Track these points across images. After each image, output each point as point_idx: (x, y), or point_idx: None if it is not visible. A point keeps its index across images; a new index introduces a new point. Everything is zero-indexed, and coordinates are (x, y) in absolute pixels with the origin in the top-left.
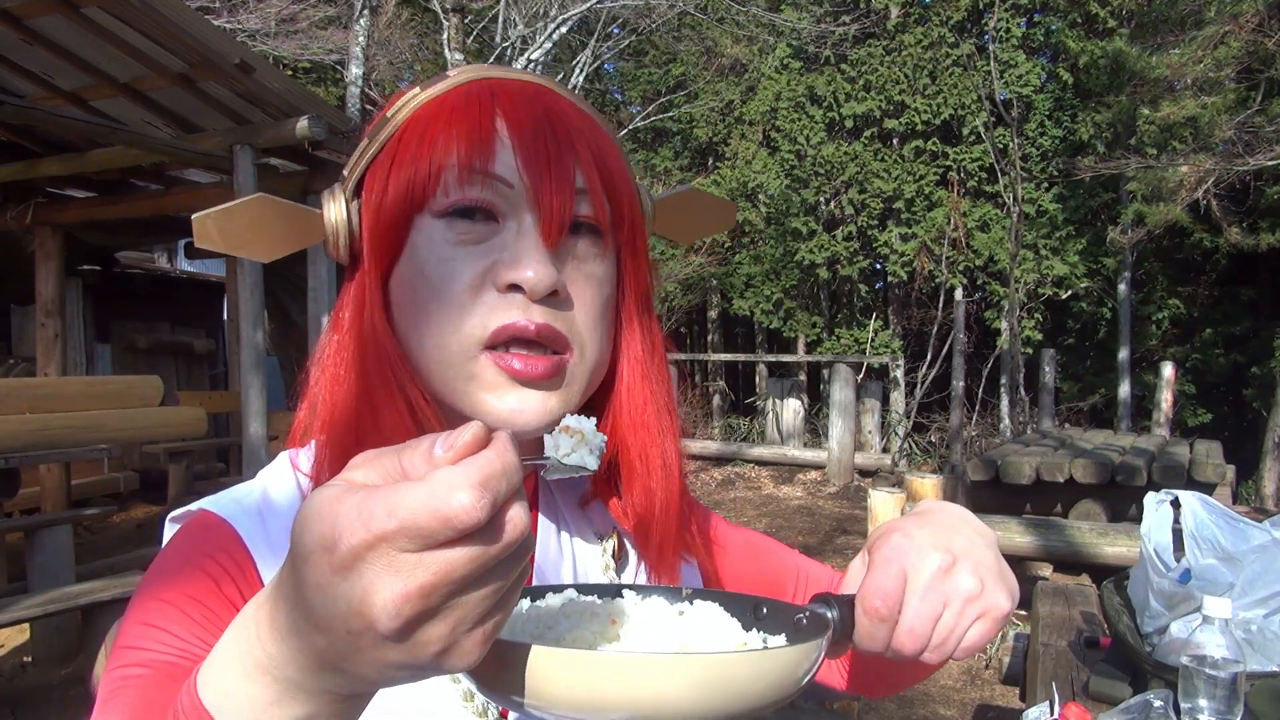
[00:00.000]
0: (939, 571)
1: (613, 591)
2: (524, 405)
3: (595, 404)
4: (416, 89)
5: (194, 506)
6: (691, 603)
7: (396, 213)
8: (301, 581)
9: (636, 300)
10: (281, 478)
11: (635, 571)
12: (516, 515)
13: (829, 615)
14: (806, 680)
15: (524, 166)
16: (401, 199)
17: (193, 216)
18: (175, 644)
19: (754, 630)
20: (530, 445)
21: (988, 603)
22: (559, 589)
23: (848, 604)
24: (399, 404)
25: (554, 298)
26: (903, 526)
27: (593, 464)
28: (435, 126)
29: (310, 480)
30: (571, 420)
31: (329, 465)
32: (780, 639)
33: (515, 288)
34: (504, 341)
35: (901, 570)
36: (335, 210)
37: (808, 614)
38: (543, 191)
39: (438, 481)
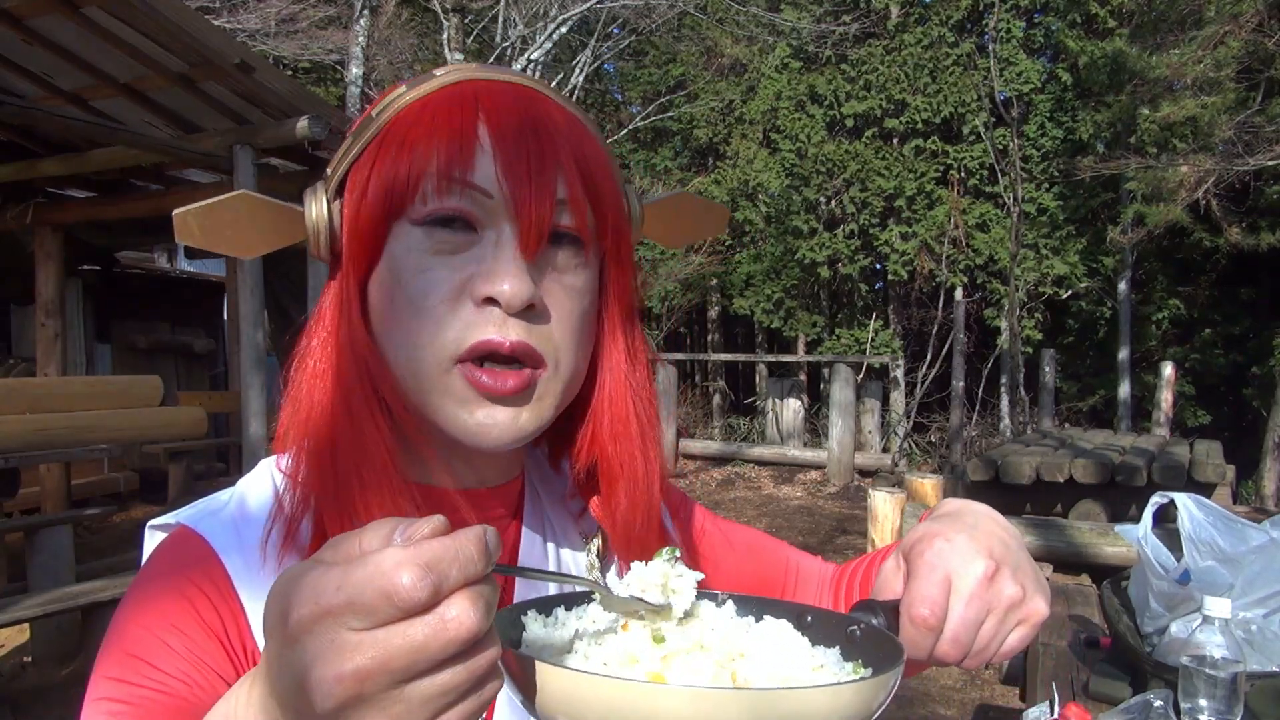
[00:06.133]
0: (983, 578)
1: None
2: (493, 420)
3: (574, 412)
4: (403, 88)
5: (171, 519)
6: (758, 619)
7: (375, 218)
8: (264, 654)
9: (620, 309)
10: (259, 485)
11: (620, 573)
12: (465, 611)
13: (890, 633)
14: (879, 713)
15: (504, 176)
16: (380, 204)
17: (174, 212)
18: (155, 677)
19: (820, 647)
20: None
21: (1028, 609)
22: (589, 596)
23: (892, 611)
24: (376, 411)
25: (530, 310)
26: (942, 531)
27: (654, 597)
28: (416, 131)
29: (288, 481)
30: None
31: (306, 470)
32: (834, 651)
33: (491, 301)
34: (478, 356)
35: (946, 577)
36: (316, 209)
37: (861, 626)
38: (522, 202)
39: (385, 558)
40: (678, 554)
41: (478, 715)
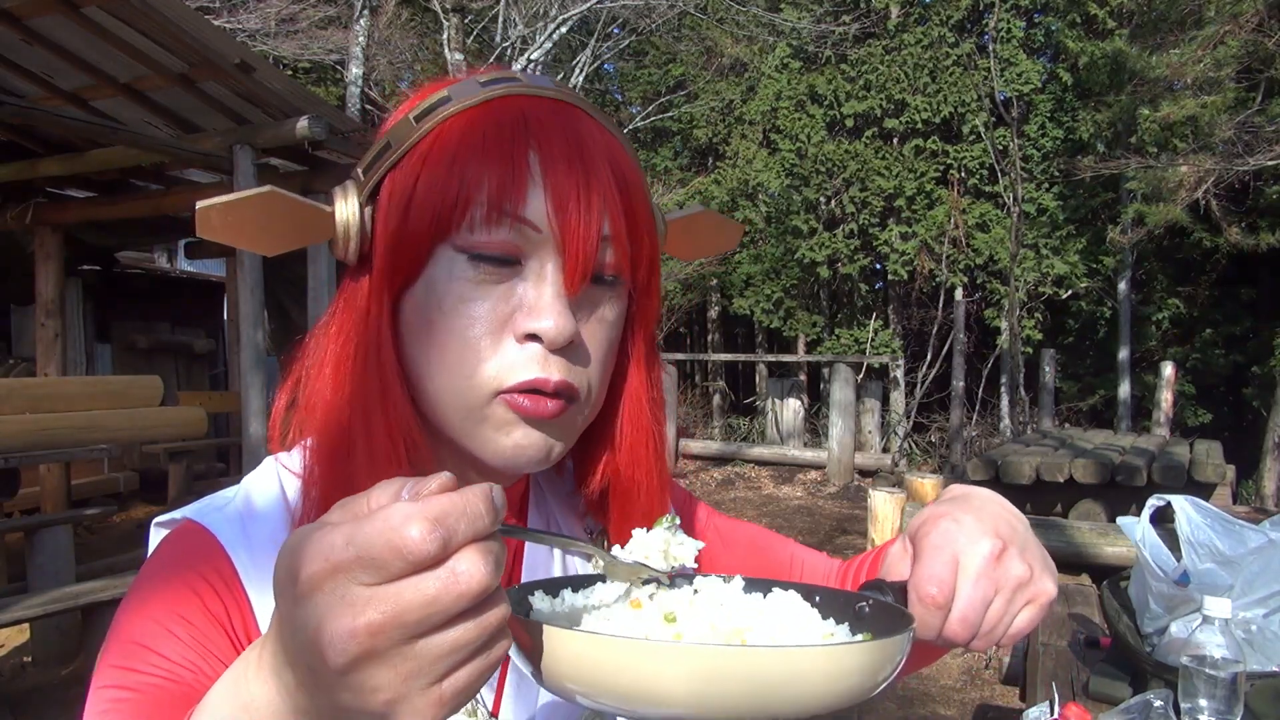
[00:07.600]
0: (990, 558)
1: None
2: (529, 442)
3: (591, 434)
4: (445, 93)
5: (178, 514)
6: (766, 594)
7: (418, 238)
8: (275, 615)
9: (644, 336)
10: (265, 482)
11: None
12: (475, 565)
13: (900, 605)
14: (887, 680)
15: (554, 212)
16: (425, 226)
17: (197, 205)
18: (162, 666)
19: (831, 620)
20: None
21: (1036, 588)
22: (596, 579)
23: (900, 591)
24: (393, 425)
25: (569, 346)
26: (948, 512)
27: (656, 563)
28: (465, 153)
29: (301, 483)
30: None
31: (322, 474)
32: (844, 627)
33: (534, 337)
34: (521, 391)
35: (954, 557)
36: (348, 210)
37: (870, 602)
38: (570, 240)
39: (394, 513)
40: (678, 521)
41: (487, 676)
